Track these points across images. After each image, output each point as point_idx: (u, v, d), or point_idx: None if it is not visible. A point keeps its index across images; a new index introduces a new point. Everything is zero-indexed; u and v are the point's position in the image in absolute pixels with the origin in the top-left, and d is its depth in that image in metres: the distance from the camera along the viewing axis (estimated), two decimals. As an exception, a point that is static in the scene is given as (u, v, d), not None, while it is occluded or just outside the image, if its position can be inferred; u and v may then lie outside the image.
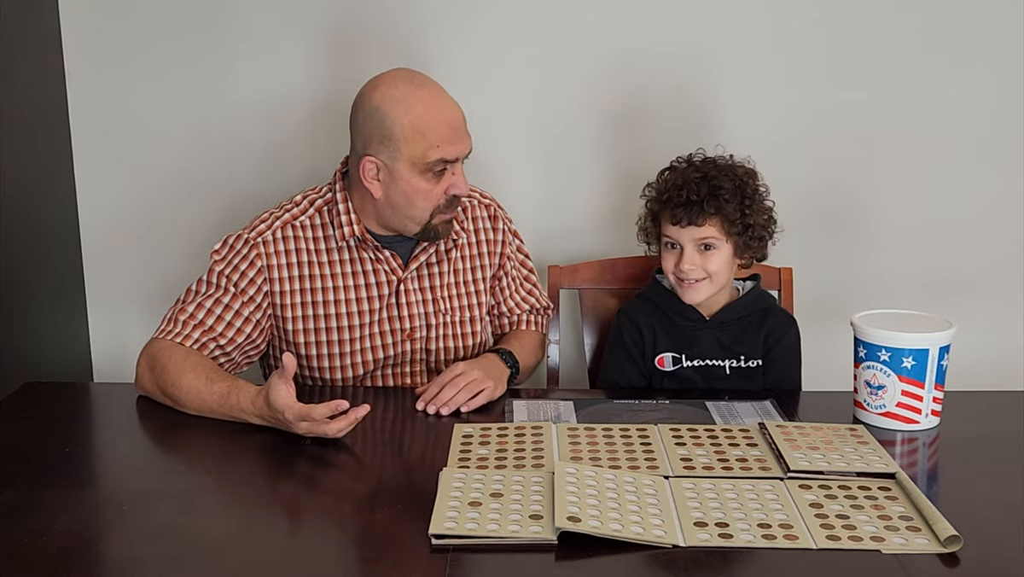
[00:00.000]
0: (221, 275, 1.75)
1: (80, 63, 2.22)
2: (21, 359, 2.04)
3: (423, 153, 1.68)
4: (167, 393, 1.64)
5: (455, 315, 1.86)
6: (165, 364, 1.65)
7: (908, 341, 1.56)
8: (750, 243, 1.77)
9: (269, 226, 1.77)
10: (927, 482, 1.44)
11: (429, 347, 1.84)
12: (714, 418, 1.62)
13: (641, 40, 2.21)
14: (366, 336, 1.81)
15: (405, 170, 1.70)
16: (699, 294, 1.78)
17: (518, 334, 1.94)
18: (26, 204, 2.09)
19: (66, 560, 1.18)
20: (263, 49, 2.21)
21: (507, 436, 1.53)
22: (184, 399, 1.61)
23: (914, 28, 2.19)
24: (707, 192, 1.74)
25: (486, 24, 2.19)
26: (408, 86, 1.70)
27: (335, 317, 1.79)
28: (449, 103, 1.72)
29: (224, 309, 1.73)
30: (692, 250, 1.76)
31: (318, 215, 1.80)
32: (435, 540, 1.21)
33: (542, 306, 2.00)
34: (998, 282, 2.30)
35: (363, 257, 1.80)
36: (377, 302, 1.81)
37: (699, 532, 1.23)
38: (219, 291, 1.74)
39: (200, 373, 1.62)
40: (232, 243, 1.77)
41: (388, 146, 1.69)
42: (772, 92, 2.23)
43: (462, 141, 1.72)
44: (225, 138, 2.26)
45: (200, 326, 1.71)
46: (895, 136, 2.24)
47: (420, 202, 1.73)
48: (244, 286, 1.74)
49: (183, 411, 1.63)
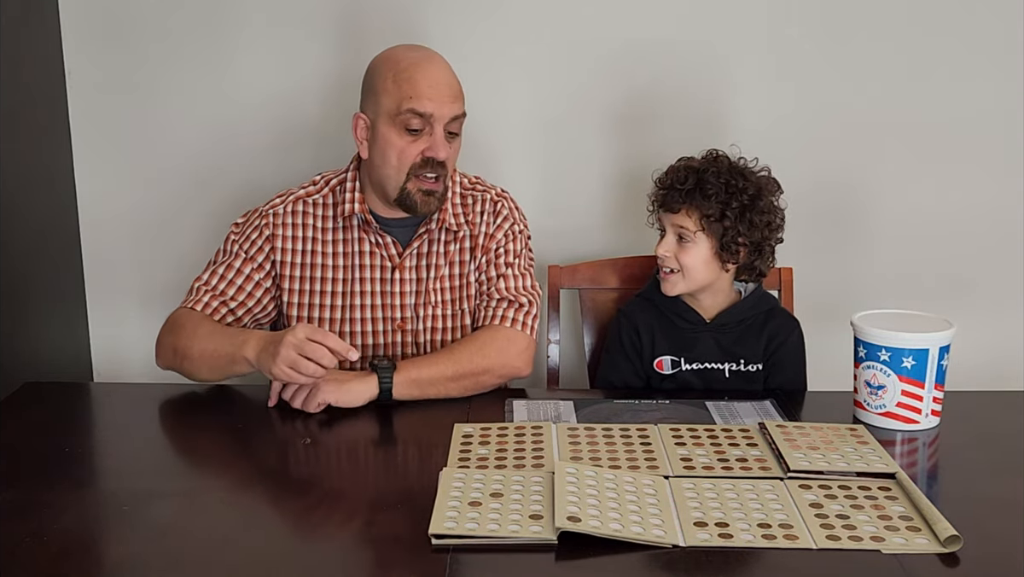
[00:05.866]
0: (235, 243, 1.84)
1: (80, 63, 2.22)
2: (21, 359, 2.04)
3: (397, 104, 1.71)
4: (178, 350, 1.73)
5: (445, 308, 1.85)
6: (184, 325, 1.75)
7: (908, 341, 1.56)
8: (731, 247, 1.76)
9: (283, 201, 1.85)
10: (927, 482, 1.44)
11: (419, 340, 1.84)
12: (714, 418, 1.62)
13: (641, 40, 2.21)
14: (356, 319, 1.82)
15: (383, 124, 1.73)
16: (671, 286, 1.80)
17: (463, 340, 1.79)
18: (26, 204, 2.09)
19: (66, 560, 1.18)
20: (264, 48, 2.21)
21: (507, 436, 1.53)
22: (195, 347, 1.70)
23: (915, 28, 2.19)
24: (693, 183, 1.75)
25: (489, 22, 2.19)
26: (403, 49, 1.78)
27: (330, 295, 1.82)
28: (439, 67, 1.74)
29: (236, 274, 1.81)
30: (671, 237, 1.79)
31: (331, 194, 1.85)
32: (435, 540, 1.21)
33: (521, 300, 1.82)
34: (998, 282, 2.30)
35: (363, 239, 1.82)
36: (369, 285, 1.82)
37: (699, 532, 1.23)
38: (231, 256, 1.82)
39: (214, 324, 1.75)
40: (248, 215, 1.86)
41: (371, 101, 1.75)
42: (773, 92, 2.23)
43: (441, 101, 1.71)
44: (226, 138, 2.26)
45: (212, 291, 1.80)
46: (896, 136, 2.24)
47: (394, 159, 1.73)
48: (253, 253, 1.82)
49: (188, 372, 1.73)
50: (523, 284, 1.86)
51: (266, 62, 2.22)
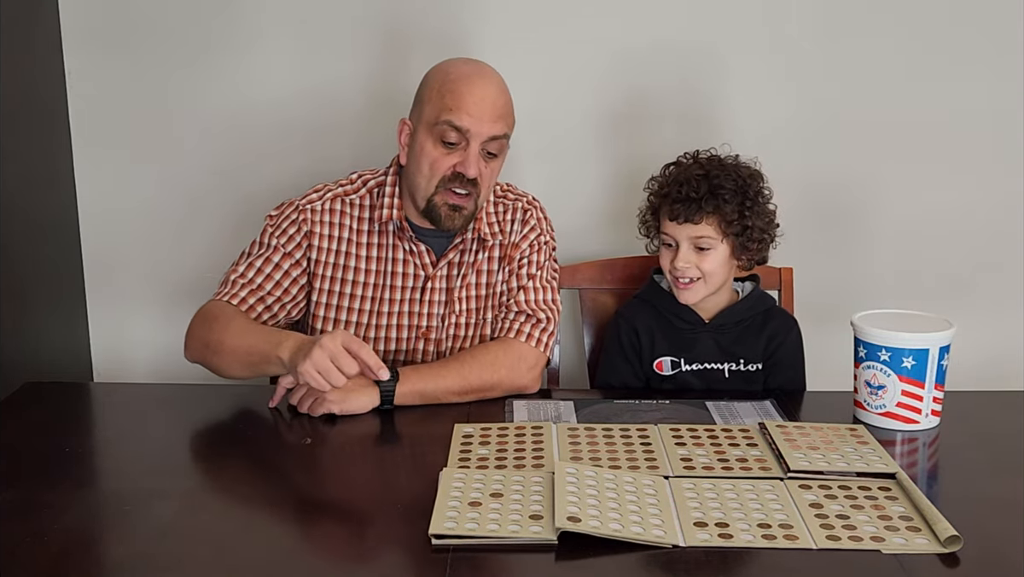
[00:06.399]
0: (272, 236, 1.79)
1: (80, 63, 2.22)
2: (21, 359, 2.04)
3: (436, 114, 1.69)
4: (209, 344, 1.68)
5: (470, 316, 1.83)
6: (217, 318, 1.71)
7: (908, 341, 1.56)
8: (748, 245, 1.77)
9: (320, 197, 1.81)
10: (927, 482, 1.44)
11: (440, 348, 1.83)
12: (714, 418, 1.62)
13: (641, 40, 2.20)
14: (383, 325, 1.81)
15: (422, 132, 1.72)
16: (694, 295, 1.78)
17: (473, 351, 1.77)
18: (26, 204, 2.09)
19: (66, 560, 1.18)
20: (264, 48, 2.21)
21: (507, 436, 1.53)
22: (227, 343, 1.66)
23: (915, 27, 2.19)
24: (707, 190, 1.73)
25: (489, 22, 2.19)
26: (459, 62, 1.76)
27: (359, 299, 1.80)
28: (487, 84, 1.71)
29: (274, 268, 1.77)
30: (688, 248, 1.76)
31: (368, 196, 1.82)
32: (435, 540, 1.21)
33: (540, 316, 1.81)
34: (998, 282, 2.30)
35: (397, 245, 1.80)
36: (399, 293, 1.80)
37: (699, 532, 1.23)
38: (268, 250, 1.78)
39: (248, 321, 1.71)
40: (283, 208, 1.82)
41: (417, 108, 1.75)
42: (772, 92, 2.22)
43: (481, 118, 1.68)
44: (226, 138, 2.26)
45: (249, 284, 1.76)
46: (895, 136, 2.24)
47: (426, 169, 1.72)
48: (291, 248, 1.78)
49: (217, 367, 1.68)
50: (543, 297, 1.84)
51: (266, 62, 2.22)
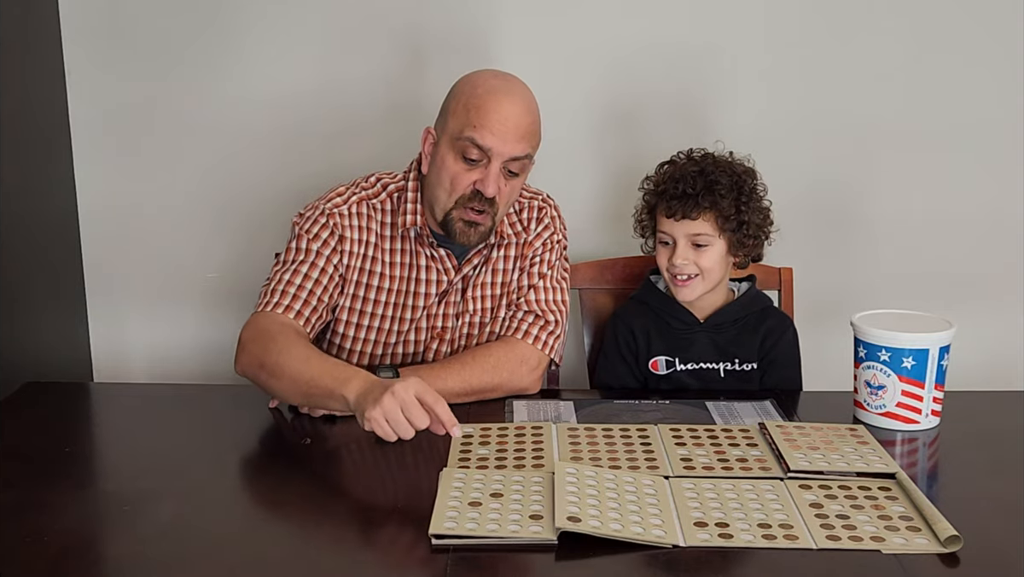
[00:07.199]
0: (309, 242, 1.74)
1: (80, 63, 2.22)
2: (21, 359, 2.04)
3: (460, 128, 1.67)
4: (266, 366, 1.59)
5: (484, 316, 1.82)
6: (275, 338, 1.63)
7: (908, 341, 1.56)
8: (744, 240, 1.77)
9: (345, 200, 1.78)
10: (927, 482, 1.44)
11: (453, 347, 1.83)
12: (714, 418, 1.62)
13: (640, 40, 2.20)
14: (403, 331, 1.80)
15: (445, 145, 1.70)
16: (692, 292, 1.78)
17: (474, 351, 1.76)
18: (26, 204, 2.09)
19: (66, 560, 1.18)
20: (263, 48, 2.21)
21: (507, 436, 1.53)
22: (288, 369, 1.57)
23: (914, 27, 2.19)
24: (703, 186, 1.74)
25: (488, 23, 2.19)
26: (488, 75, 1.73)
27: (383, 305, 1.78)
28: (515, 102, 1.67)
29: (320, 273, 1.73)
30: (685, 245, 1.76)
31: (389, 200, 1.80)
32: (435, 540, 1.21)
33: (548, 317, 1.81)
34: (998, 282, 2.30)
35: (419, 251, 1.79)
36: (423, 300, 1.79)
37: (699, 532, 1.23)
38: (311, 255, 1.74)
39: (308, 346, 1.63)
40: (310, 213, 1.77)
41: (442, 118, 1.73)
42: (771, 91, 2.23)
43: (504, 138, 1.65)
44: (226, 139, 2.26)
45: (299, 292, 1.70)
46: (895, 136, 2.24)
47: (447, 183, 1.70)
48: (328, 253, 1.74)
49: (271, 389, 1.60)
50: (553, 297, 1.83)
51: (266, 63, 2.22)
